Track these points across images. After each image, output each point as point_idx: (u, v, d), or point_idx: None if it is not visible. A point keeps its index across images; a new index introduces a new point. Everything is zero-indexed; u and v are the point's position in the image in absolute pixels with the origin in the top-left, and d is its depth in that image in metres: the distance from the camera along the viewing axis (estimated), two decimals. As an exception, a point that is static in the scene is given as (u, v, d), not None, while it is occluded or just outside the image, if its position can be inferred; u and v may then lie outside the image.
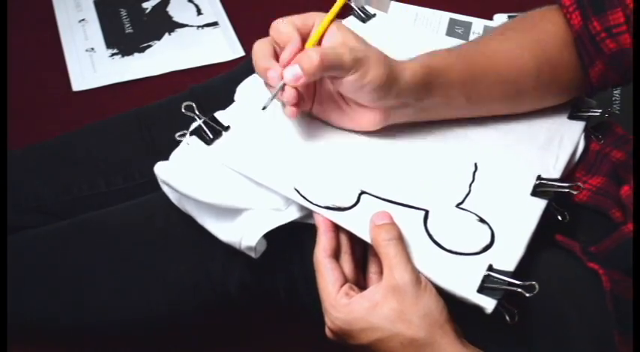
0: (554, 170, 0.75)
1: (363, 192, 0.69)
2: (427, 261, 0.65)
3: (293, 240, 0.72)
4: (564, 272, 0.69)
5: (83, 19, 1.45)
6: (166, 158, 0.79)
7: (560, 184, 0.72)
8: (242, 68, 0.91)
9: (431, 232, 0.67)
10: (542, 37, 0.76)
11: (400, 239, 0.64)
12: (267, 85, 0.69)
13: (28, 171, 0.90)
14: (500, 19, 1.32)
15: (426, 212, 0.69)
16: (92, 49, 1.40)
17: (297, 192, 0.67)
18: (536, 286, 0.62)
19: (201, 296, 0.77)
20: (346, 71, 0.65)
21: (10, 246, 0.80)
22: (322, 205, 0.67)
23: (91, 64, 1.37)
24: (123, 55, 1.39)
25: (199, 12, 1.48)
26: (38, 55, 1.40)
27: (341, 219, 0.66)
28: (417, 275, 0.63)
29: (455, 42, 0.94)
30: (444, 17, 1.23)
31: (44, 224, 0.86)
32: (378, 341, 0.62)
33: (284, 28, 0.67)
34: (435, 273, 0.64)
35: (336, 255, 0.66)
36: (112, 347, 0.94)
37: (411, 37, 0.91)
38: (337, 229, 0.67)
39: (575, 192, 0.71)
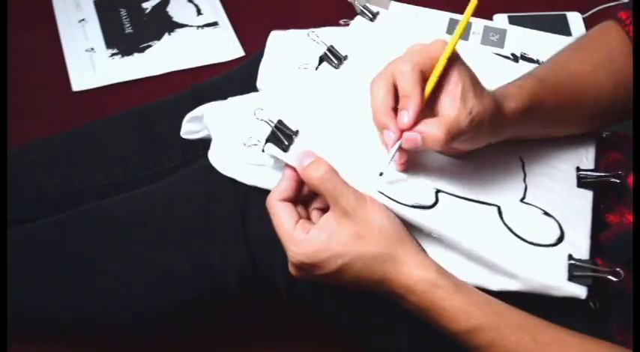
0: (587, 161, 0.76)
1: (438, 191, 0.69)
2: (513, 255, 0.66)
3: None
4: None
5: (83, 19, 1.45)
6: (167, 154, 0.80)
7: (600, 174, 0.73)
8: (243, 67, 0.91)
9: (510, 226, 0.68)
10: (612, 54, 0.76)
11: (332, 170, 0.65)
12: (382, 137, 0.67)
13: (29, 163, 0.90)
14: (500, 19, 1.32)
15: (499, 207, 0.70)
16: (92, 49, 1.40)
17: (382, 194, 0.67)
18: (622, 272, 0.64)
19: (200, 287, 0.77)
20: (464, 136, 0.64)
21: (10, 238, 0.80)
22: (409, 204, 0.67)
23: (90, 64, 1.37)
24: (123, 55, 1.39)
25: (199, 12, 1.48)
26: (38, 55, 1.40)
27: (426, 218, 0.67)
28: (360, 195, 0.65)
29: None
30: (444, 17, 1.23)
31: (44, 216, 0.86)
32: (344, 266, 0.64)
33: (407, 77, 0.64)
34: (522, 267, 0.65)
35: (289, 201, 0.67)
36: (112, 342, 0.94)
37: (414, 36, 0.91)
38: (300, 183, 0.67)
39: (618, 181, 0.72)
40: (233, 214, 0.74)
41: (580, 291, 0.65)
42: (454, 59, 0.65)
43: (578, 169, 0.75)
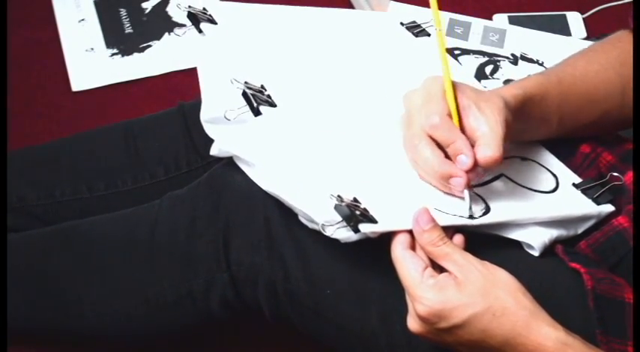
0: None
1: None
2: (537, 206, 0.71)
3: (275, 256, 0.72)
4: (545, 279, 0.69)
5: (83, 19, 1.45)
6: (149, 170, 0.80)
7: (597, 183, 0.75)
8: None
9: (520, 183, 0.73)
10: (623, 57, 0.77)
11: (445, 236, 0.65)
12: (443, 184, 0.69)
13: (13, 172, 0.90)
14: (500, 19, 1.32)
15: (501, 174, 0.74)
16: (92, 49, 1.40)
17: (435, 208, 0.67)
18: (621, 176, 0.71)
19: (181, 313, 0.78)
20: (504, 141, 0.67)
21: None
22: (464, 215, 0.68)
23: (90, 64, 1.37)
24: (123, 55, 1.39)
25: (199, 12, 1.48)
26: (38, 55, 1.40)
27: (486, 219, 0.69)
28: (478, 259, 0.64)
29: (455, 42, 0.94)
30: (443, 17, 1.23)
31: (25, 226, 0.87)
32: (472, 317, 0.61)
33: (443, 126, 0.67)
34: (551, 210, 0.70)
35: (412, 248, 0.66)
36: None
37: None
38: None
39: (619, 183, 0.74)
40: (216, 242, 0.74)
41: (610, 208, 0.72)
42: (454, 86, 0.68)
43: (574, 185, 0.76)
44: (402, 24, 0.97)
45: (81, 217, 0.84)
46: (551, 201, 0.73)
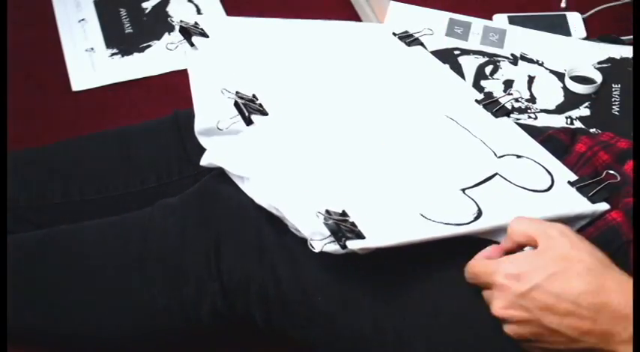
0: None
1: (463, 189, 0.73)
2: (531, 207, 0.71)
3: (267, 264, 0.73)
4: None
5: (83, 19, 1.46)
6: (140, 176, 0.80)
7: (593, 180, 0.75)
8: None
9: (520, 185, 0.74)
10: None
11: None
12: None
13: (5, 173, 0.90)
14: (499, 19, 1.32)
15: (495, 173, 0.75)
16: (92, 48, 1.40)
17: (423, 216, 0.68)
18: (617, 175, 0.71)
19: (171, 321, 0.78)
20: None
21: None
22: (453, 223, 0.68)
23: (90, 63, 1.38)
24: (123, 55, 1.39)
25: (199, 12, 1.48)
26: (38, 55, 1.40)
27: (479, 224, 0.68)
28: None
29: (454, 42, 0.93)
30: (443, 17, 1.23)
31: (14, 227, 0.87)
32: (553, 275, 0.60)
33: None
34: (545, 211, 0.70)
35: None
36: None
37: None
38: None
39: (615, 180, 0.74)
40: (207, 252, 0.75)
41: (605, 206, 0.72)
42: None
43: (570, 183, 0.76)
44: (394, 34, 0.97)
45: (71, 221, 0.85)
46: (546, 201, 0.73)
